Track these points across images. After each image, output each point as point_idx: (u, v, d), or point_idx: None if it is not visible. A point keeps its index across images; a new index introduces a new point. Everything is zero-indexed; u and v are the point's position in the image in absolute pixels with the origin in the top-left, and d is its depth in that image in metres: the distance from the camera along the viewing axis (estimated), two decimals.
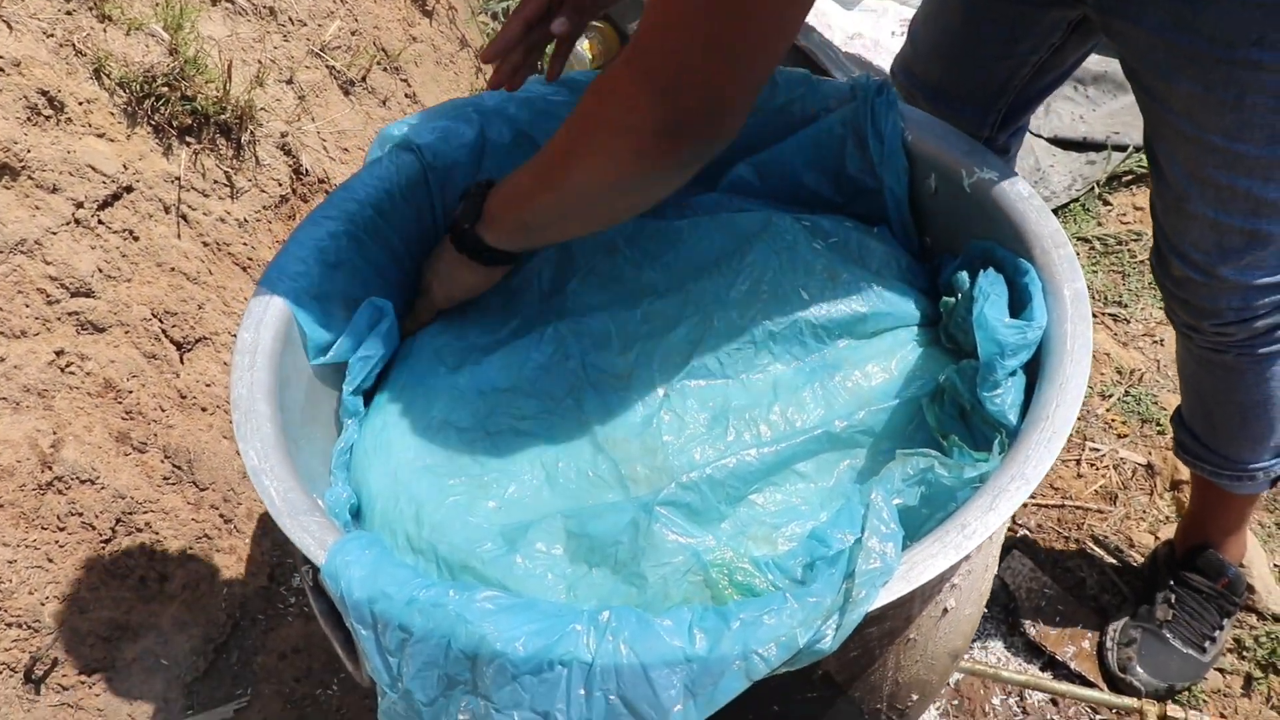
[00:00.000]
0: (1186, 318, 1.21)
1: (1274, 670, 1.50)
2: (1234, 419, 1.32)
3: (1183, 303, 1.19)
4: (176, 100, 1.58)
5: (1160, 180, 1.11)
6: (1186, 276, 1.14)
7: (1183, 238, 1.12)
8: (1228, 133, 1.00)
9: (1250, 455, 1.35)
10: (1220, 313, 1.16)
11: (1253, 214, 1.05)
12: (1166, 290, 1.21)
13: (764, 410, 1.02)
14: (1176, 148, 1.06)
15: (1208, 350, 1.24)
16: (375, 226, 1.13)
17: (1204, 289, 1.14)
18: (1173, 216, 1.12)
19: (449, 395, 1.06)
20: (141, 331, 1.49)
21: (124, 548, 1.42)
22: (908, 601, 0.83)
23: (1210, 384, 1.30)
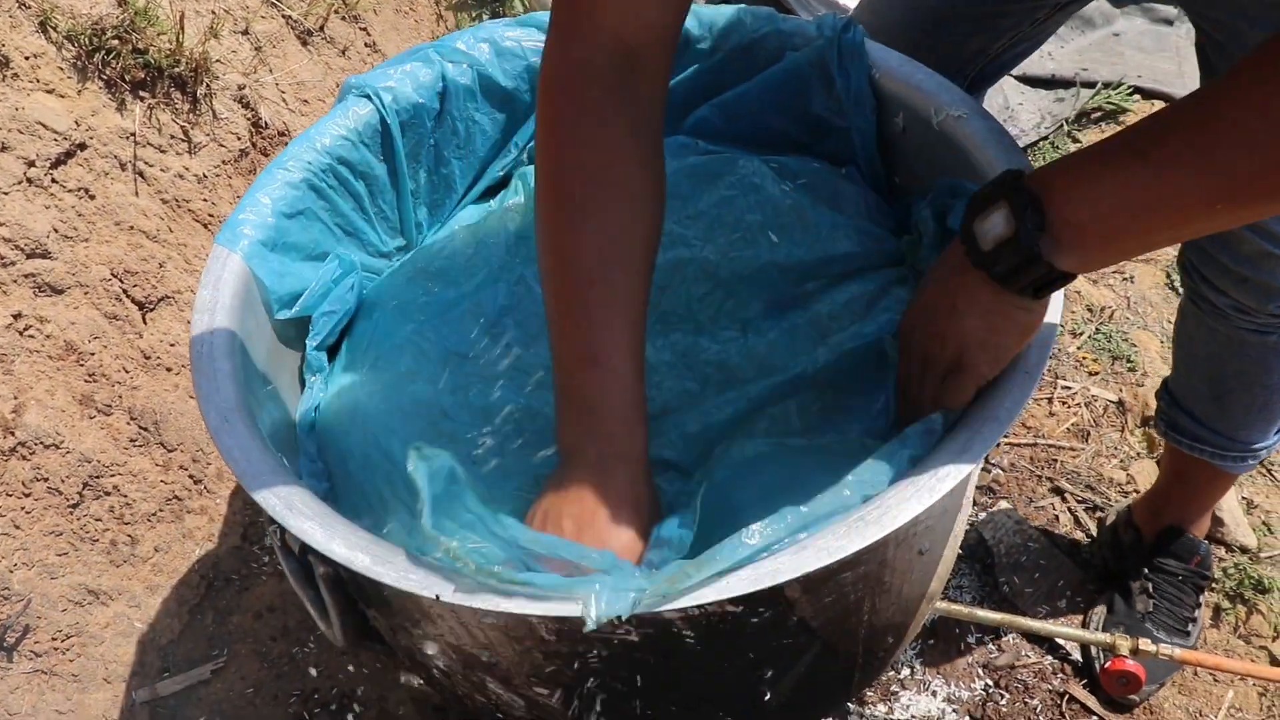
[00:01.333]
0: (1242, 298, 1.10)
1: (1241, 600, 1.52)
2: (1255, 401, 1.24)
3: (1242, 281, 1.08)
4: (128, 53, 1.53)
5: None
6: (1265, 252, 1.03)
7: None
8: None
9: (1259, 435, 1.29)
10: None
11: None
12: (1221, 269, 1.10)
13: (733, 354, 1.01)
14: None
15: (1248, 331, 1.15)
16: (337, 175, 1.11)
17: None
18: None
19: (416, 349, 1.05)
20: (101, 292, 1.46)
21: (92, 512, 1.40)
22: (882, 546, 0.82)
23: (1236, 366, 1.20)
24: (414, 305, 1.08)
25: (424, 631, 0.88)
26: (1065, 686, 1.42)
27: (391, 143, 1.16)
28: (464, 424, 0.99)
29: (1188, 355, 1.28)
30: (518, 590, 0.71)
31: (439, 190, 1.22)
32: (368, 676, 1.42)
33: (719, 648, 0.83)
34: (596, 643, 0.80)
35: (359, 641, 0.93)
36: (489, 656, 0.86)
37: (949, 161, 1.05)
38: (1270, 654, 1.47)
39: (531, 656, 0.83)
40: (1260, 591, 1.52)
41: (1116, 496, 1.65)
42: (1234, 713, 1.42)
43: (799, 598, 0.81)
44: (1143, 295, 1.97)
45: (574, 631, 0.79)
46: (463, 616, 0.81)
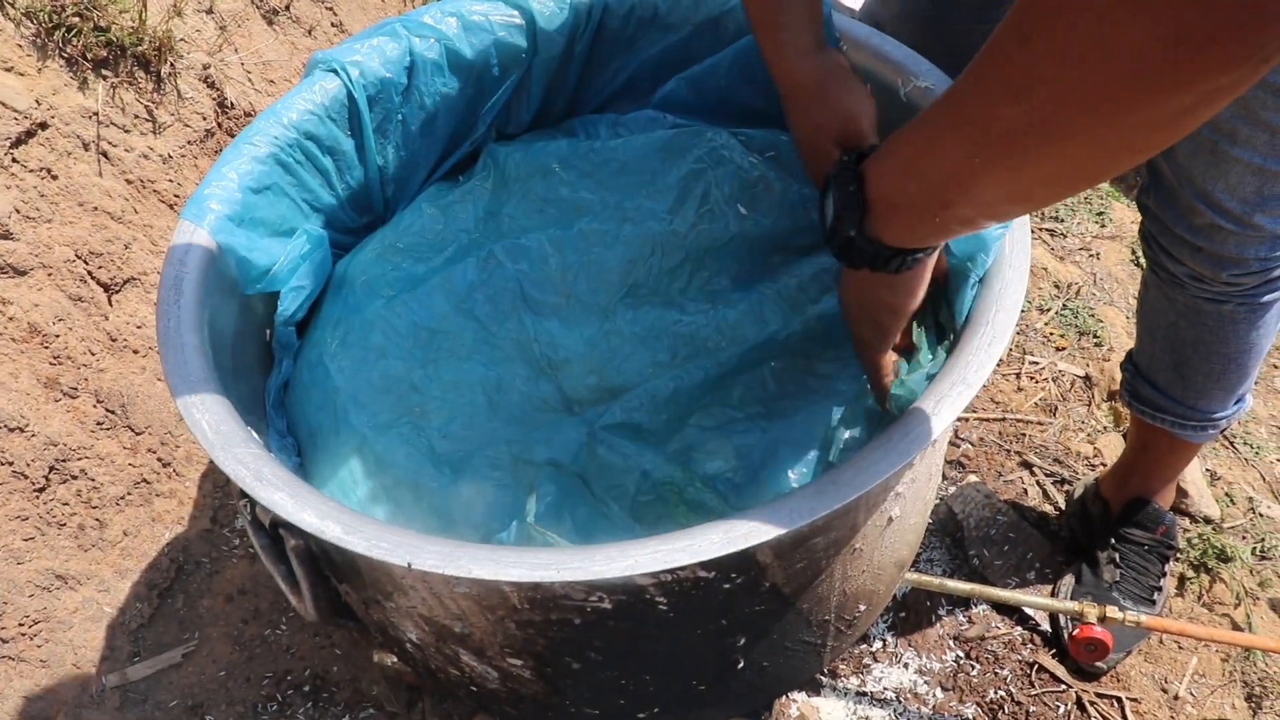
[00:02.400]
0: (1198, 267, 1.13)
1: (1205, 570, 1.55)
2: (1214, 369, 1.26)
3: (1196, 251, 1.11)
4: (89, 31, 1.51)
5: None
6: (1214, 224, 1.06)
7: (1216, 183, 1.04)
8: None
9: (1219, 405, 1.31)
10: (1244, 262, 1.09)
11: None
12: (1178, 240, 1.12)
13: (703, 326, 1.01)
14: None
15: (1205, 300, 1.18)
16: (303, 149, 1.10)
17: (1234, 238, 1.07)
18: (1204, 161, 1.04)
19: (385, 325, 1.04)
20: (66, 273, 1.44)
21: (59, 496, 1.38)
22: (853, 510, 0.83)
23: (1195, 335, 1.23)
24: (383, 281, 1.08)
25: (396, 604, 0.88)
26: (1035, 656, 1.44)
27: (359, 118, 1.15)
28: (435, 398, 0.99)
29: (1149, 325, 1.30)
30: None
31: (406, 166, 1.21)
32: (340, 656, 1.41)
33: (691, 614, 0.83)
34: (570, 610, 0.80)
35: (331, 617, 0.93)
36: (462, 627, 0.86)
37: None
38: (1232, 621, 1.49)
39: (504, 626, 0.83)
40: (1223, 560, 1.54)
41: (1084, 470, 1.67)
42: (1198, 678, 1.44)
43: (771, 563, 0.82)
44: (1108, 271, 1.99)
45: (547, 599, 0.79)
46: (434, 586, 0.81)
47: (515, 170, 1.14)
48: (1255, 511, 1.63)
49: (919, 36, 1.20)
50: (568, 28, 1.20)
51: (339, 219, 1.17)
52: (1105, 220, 2.07)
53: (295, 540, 0.84)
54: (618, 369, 0.98)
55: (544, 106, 1.26)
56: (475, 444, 0.96)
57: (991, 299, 0.87)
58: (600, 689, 0.92)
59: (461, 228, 1.12)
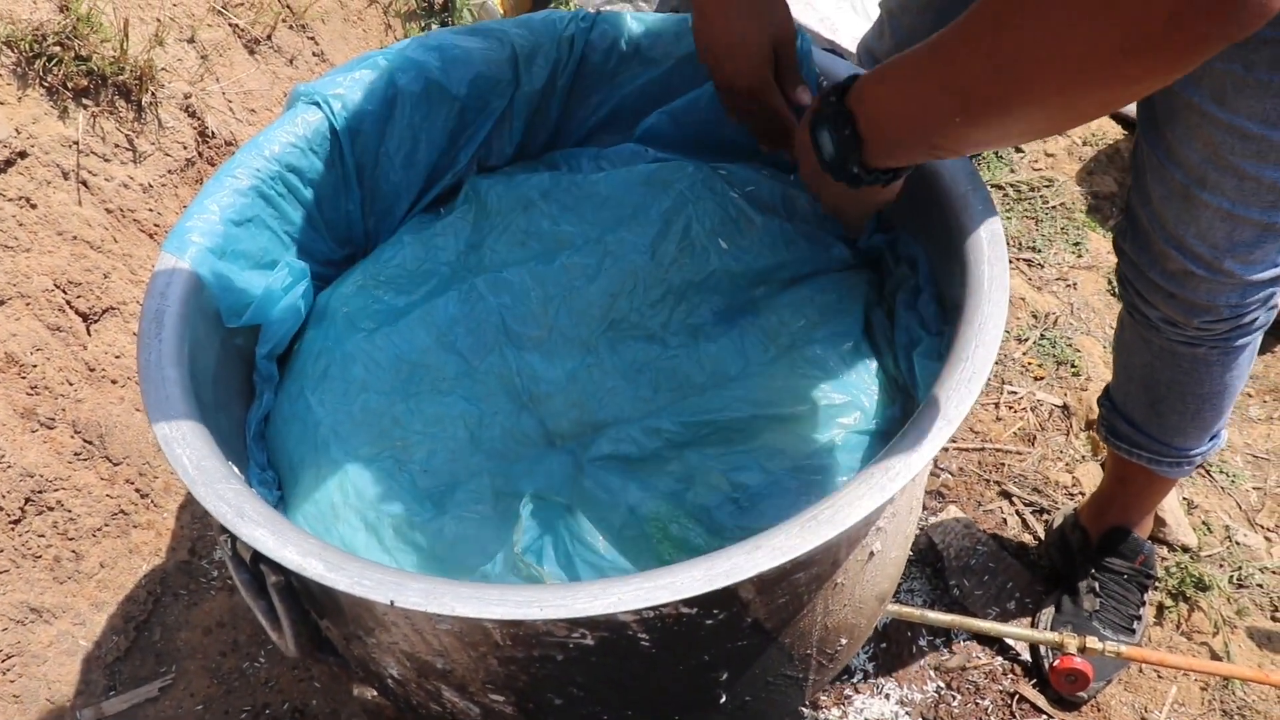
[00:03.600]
0: (1171, 312, 1.13)
1: (1183, 599, 1.56)
2: (1189, 409, 1.26)
3: (1169, 297, 1.11)
4: (70, 60, 1.51)
5: (1164, 167, 1.03)
6: (1187, 271, 1.06)
7: (1188, 229, 1.04)
8: (1265, 119, 0.93)
9: (1194, 443, 1.31)
10: (1216, 309, 1.09)
11: (1272, 206, 0.98)
12: (1151, 285, 1.13)
13: (684, 360, 1.02)
14: (1197, 131, 0.98)
15: (1179, 343, 1.18)
16: (285, 182, 1.10)
17: (1205, 284, 1.07)
18: (1176, 206, 1.04)
19: (367, 358, 1.04)
20: (44, 303, 1.44)
21: (35, 528, 1.37)
22: (834, 546, 0.83)
23: (1170, 376, 1.23)
24: (365, 313, 1.08)
25: (378, 640, 0.88)
26: (1015, 686, 1.44)
27: (340, 150, 1.15)
28: (416, 432, 0.99)
29: (1126, 364, 1.30)
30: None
31: (388, 198, 1.21)
32: (320, 690, 1.40)
33: (674, 650, 0.83)
34: (552, 647, 0.80)
35: (312, 652, 0.92)
36: (444, 664, 0.85)
37: None
38: (1211, 649, 1.50)
39: (486, 662, 0.83)
40: (1201, 589, 1.55)
41: (1063, 499, 1.68)
42: (1177, 708, 1.44)
43: (753, 599, 0.82)
44: (1085, 301, 2.01)
45: (529, 636, 0.79)
46: (417, 623, 0.81)
47: (497, 203, 1.15)
48: (1232, 540, 1.65)
49: None
50: (550, 61, 1.21)
51: (320, 251, 1.17)
52: (1082, 251, 2.10)
53: (276, 576, 0.84)
54: (600, 403, 0.98)
55: (526, 139, 1.26)
56: (457, 477, 0.96)
57: (971, 334, 0.87)
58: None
59: (443, 260, 1.13)
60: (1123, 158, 2.28)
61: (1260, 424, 1.86)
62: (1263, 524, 1.70)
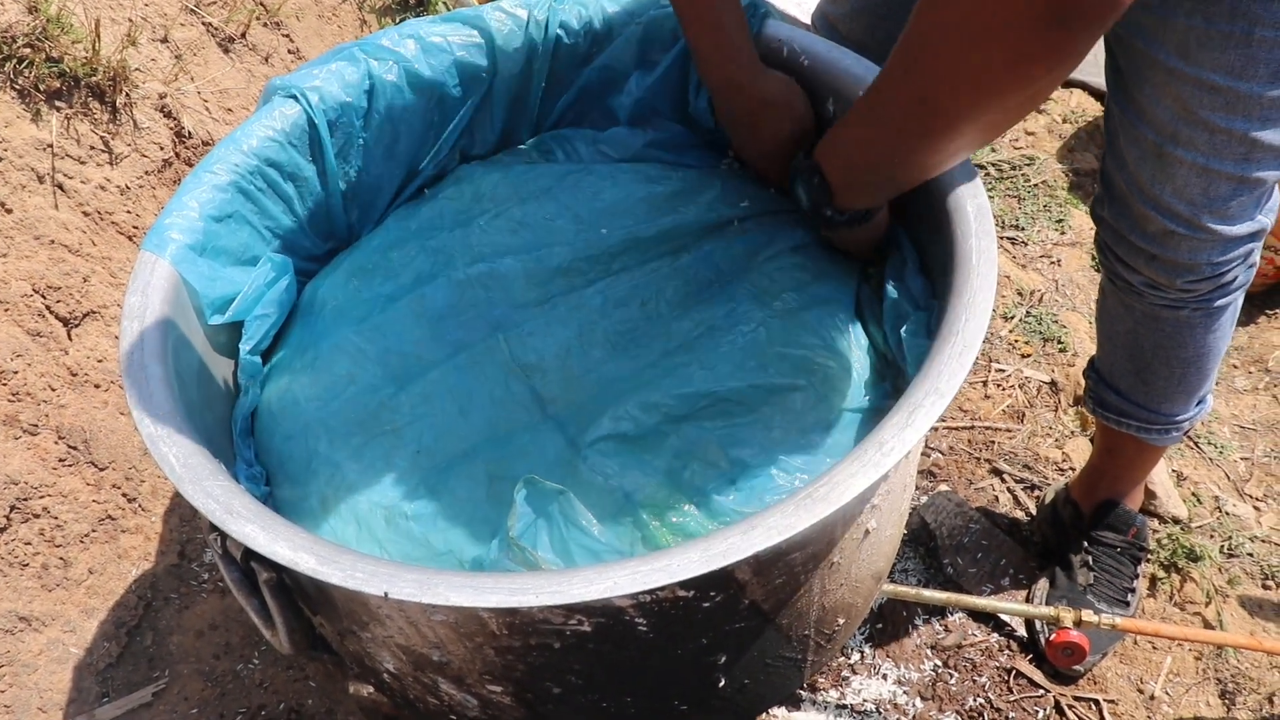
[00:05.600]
0: (1153, 275, 1.14)
1: (1175, 570, 1.56)
2: (1174, 373, 1.26)
3: (1151, 259, 1.12)
4: (41, 62, 1.49)
5: (1136, 128, 1.04)
6: (1167, 230, 1.07)
7: (1164, 187, 1.05)
8: (1230, 70, 0.94)
9: (1181, 408, 1.31)
10: (1197, 267, 1.10)
11: (1245, 159, 1.00)
12: (1132, 248, 1.13)
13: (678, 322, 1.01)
14: (1165, 89, 0.99)
15: (1161, 307, 1.18)
16: (265, 177, 1.09)
17: (1186, 242, 1.07)
18: (1150, 166, 1.05)
19: (355, 350, 1.03)
20: (23, 308, 1.42)
21: (21, 536, 1.36)
22: (830, 525, 0.83)
23: (1154, 340, 1.23)
24: (352, 303, 1.07)
25: (372, 634, 0.87)
26: (1012, 662, 1.44)
27: (320, 143, 1.14)
28: (405, 413, 0.98)
29: (1109, 333, 1.31)
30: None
31: (369, 190, 1.20)
32: (315, 689, 1.39)
33: (672, 634, 0.83)
34: (549, 635, 0.79)
35: (306, 650, 0.91)
36: (440, 656, 0.85)
37: None
38: (1204, 619, 1.51)
39: (483, 653, 0.82)
40: (1192, 560, 1.56)
41: (1053, 475, 1.68)
42: (1173, 678, 1.45)
43: (749, 580, 0.81)
44: (1070, 278, 2.01)
45: (526, 624, 0.78)
46: (411, 615, 0.80)
47: (491, 191, 1.14)
48: (1221, 510, 1.65)
49: (868, 33, 1.24)
50: (526, 45, 1.20)
51: (302, 245, 1.16)
52: (1065, 228, 2.10)
53: (268, 573, 0.83)
54: (591, 366, 0.98)
55: (508, 125, 1.25)
56: (450, 459, 0.95)
57: (961, 308, 0.87)
58: (582, 713, 0.91)
59: (430, 246, 1.11)
60: (1103, 134, 2.29)
61: (1246, 395, 1.86)
62: (1251, 494, 1.71)
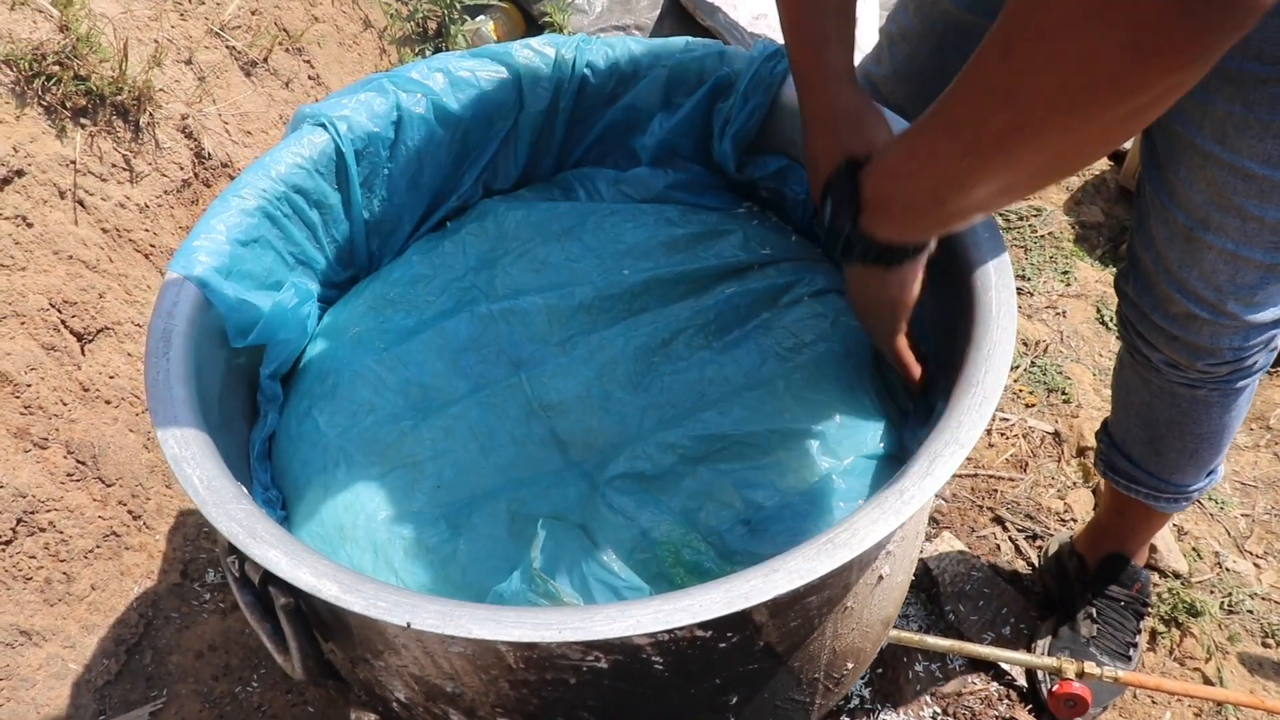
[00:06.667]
0: (1174, 355, 1.13)
1: (1176, 624, 1.56)
2: (1187, 448, 1.26)
3: (1172, 340, 1.11)
4: (69, 80, 1.51)
5: (1168, 209, 1.04)
6: (1191, 314, 1.07)
7: (1191, 271, 1.04)
8: (1268, 159, 0.94)
9: (1192, 479, 1.31)
10: (1219, 351, 1.10)
11: (1275, 247, 1.00)
12: (1154, 327, 1.13)
13: (697, 371, 1.02)
14: (1200, 173, 0.99)
15: (1179, 384, 1.18)
16: (291, 203, 1.10)
17: (1209, 327, 1.07)
18: (1179, 249, 1.04)
19: (375, 378, 1.04)
20: (39, 322, 1.42)
21: (26, 549, 1.35)
22: (846, 570, 0.83)
23: (1169, 415, 1.23)
24: (373, 333, 1.07)
25: (386, 663, 0.87)
26: (1011, 712, 1.44)
27: (346, 172, 1.15)
28: (426, 446, 0.98)
29: (1125, 402, 1.31)
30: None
31: (391, 220, 1.22)
32: (314, 715, 1.38)
33: (687, 673, 0.83)
34: (565, 670, 0.80)
35: (319, 676, 0.91)
36: (454, 687, 0.85)
37: None
38: (1204, 675, 1.51)
39: (498, 686, 0.83)
40: (1193, 615, 1.56)
41: (1055, 525, 1.69)
42: None
43: (766, 622, 0.82)
44: (1075, 330, 2.03)
45: (543, 658, 0.79)
46: (429, 645, 0.80)
47: (514, 228, 1.15)
48: (1222, 566, 1.66)
49: (913, 97, 1.23)
50: (552, 83, 1.22)
51: (323, 272, 1.17)
52: (1070, 279, 2.12)
53: (286, 598, 0.83)
54: (611, 411, 0.98)
55: (531, 162, 1.27)
56: (471, 495, 0.95)
57: (981, 359, 0.88)
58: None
59: (452, 279, 1.12)
60: (1109, 189, 2.31)
61: (1247, 451, 1.87)
62: (1251, 550, 1.71)
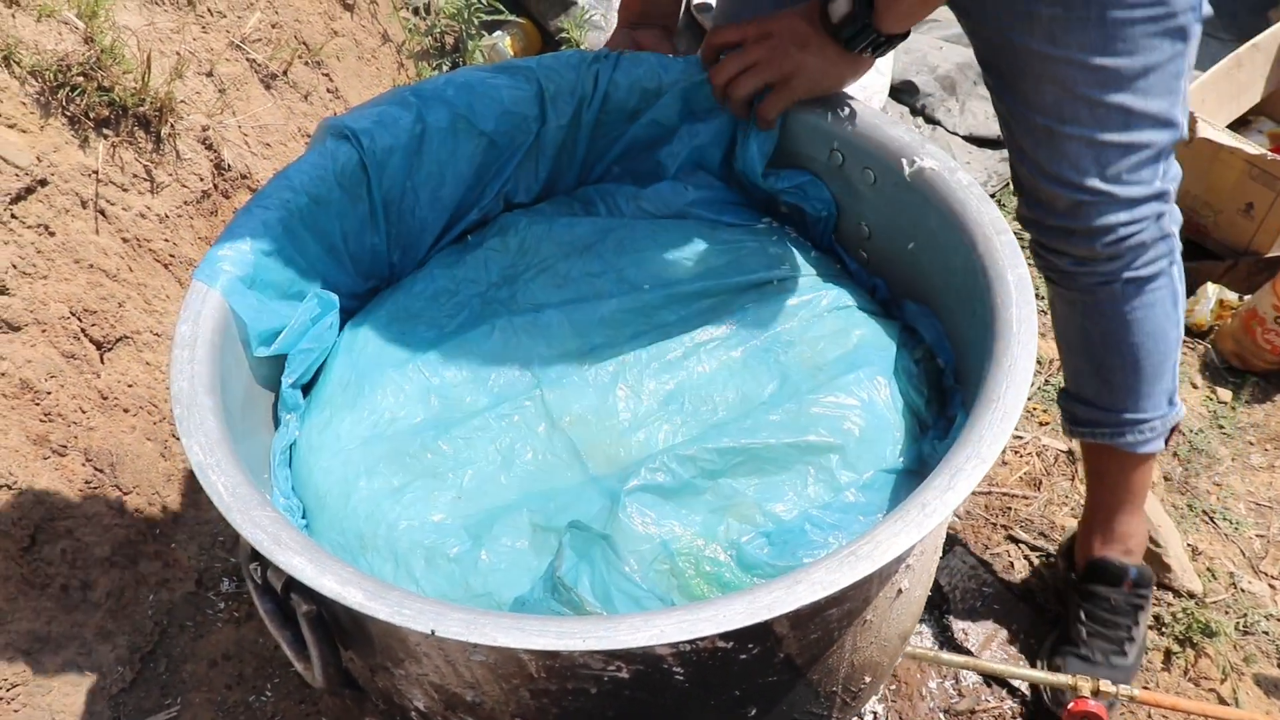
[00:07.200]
0: (1077, 249, 1.23)
1: (1190, 644, 1.56)
2: (1127, 362, 1.32)
3: (1068, 234, 1.22)
4: (93, 91, 1.52)
5: (1027, 117, 1.17)
6: (1076, 202, 1.18)
7: (1061, 164, 1.17)
8: (1095, 49, 1.08)
9: (1148, 403, 1.36)
10: (1112, 229, 1.20)
11: (1125, 126, 1.13)
12: (1052, 230, 1.24)
13: (719, 385, 1.03)
14: (1043, 75, 1.12)
15: (1097, 285, 1.25)
16: (313, 214, 1.10)
17: (1094, 208, 1.19)
18: (1046, 148, 1.17)
19: (397, 389, 1.04)
20: (59, 330, 1.43)
21: (44, 556, 1.36)
22: (867, 582, 0.83)
23: (1100, 329, 1.30)
24: (394, 345, 1.08)
25: (406, 671, 0.87)
26: None
27: (368, 184, 1.16)
28: (446, 459, 0.99)
29: (1065, 341, 1.37)
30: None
31: (413, 233, 1.22)
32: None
33: (707, 684, 0.83)
34: (587, 679, 0.80)
35: (337, 684, 0.91)
36: (474, 696, 0.85)
37: (921, 212, 1.09)
38: (1219, 695, 1.50)
39: (519, 695, 0.83)
40: (1208, 635, 1.55)
41: None
42: None
43: (787, 634, 0.82)
44: None
45: (565, 668, 0.79)
46: (450, 654, 0.81)
47: (535, 243, 1.16)
48: (1237, 586, 1.65)
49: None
50: (575, 98, 1.23)
51: (344, 284, 1.17)
52: None
53: (308, 606, 0.83)
54: (635, 425, 0.99)
55: (552, 176, 1.28)
56: (492, 506, 0.96)
57: (1001, 375, 0.89)
58: None
59: (474, 293, 1.13)
60: None
61: (1262, 472, 1.87)
62: (1266, 571, 1.71)
